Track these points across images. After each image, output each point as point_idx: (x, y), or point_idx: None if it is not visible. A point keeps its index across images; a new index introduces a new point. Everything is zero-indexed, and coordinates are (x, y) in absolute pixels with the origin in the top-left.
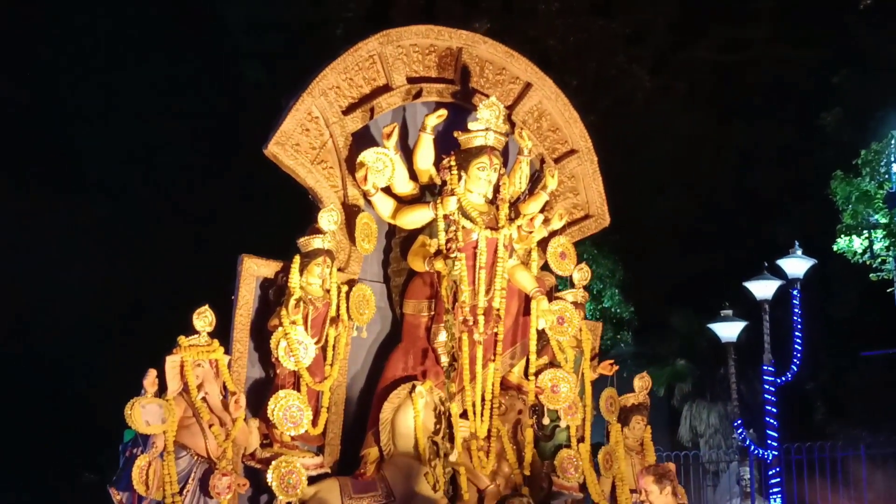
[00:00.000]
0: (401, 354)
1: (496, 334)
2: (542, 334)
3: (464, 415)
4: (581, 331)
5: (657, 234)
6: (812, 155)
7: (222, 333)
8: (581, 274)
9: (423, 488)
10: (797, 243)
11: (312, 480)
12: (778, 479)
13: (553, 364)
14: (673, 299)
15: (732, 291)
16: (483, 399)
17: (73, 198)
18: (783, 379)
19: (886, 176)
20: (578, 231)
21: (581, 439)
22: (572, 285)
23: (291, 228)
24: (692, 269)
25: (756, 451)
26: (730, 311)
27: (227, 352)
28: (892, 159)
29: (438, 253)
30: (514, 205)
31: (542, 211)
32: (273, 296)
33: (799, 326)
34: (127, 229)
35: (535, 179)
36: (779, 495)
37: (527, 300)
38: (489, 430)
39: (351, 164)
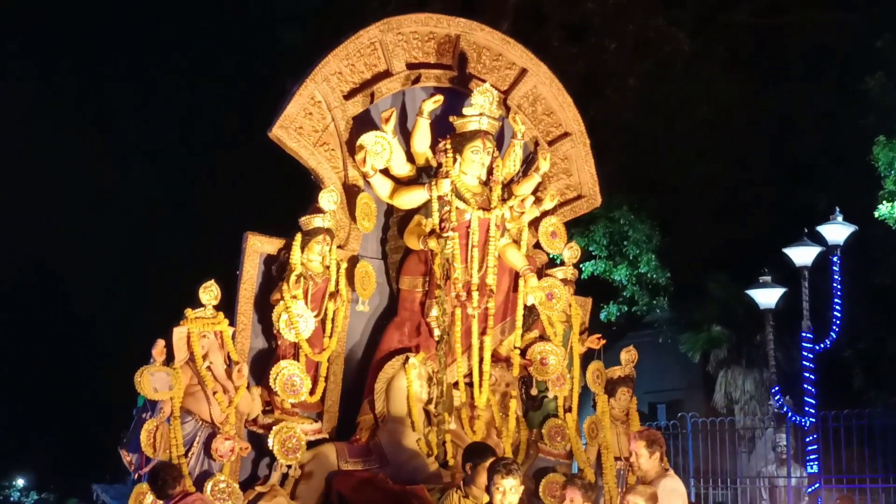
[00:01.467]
0: (396, 327)
1: (488, 309)
2: (533, 309)
3: (455, 385)
4: (570, 306)
5: (695, 200)
6: (853, 120)
7: (227, 306)
8: (571, 252)
9: (416, 454)
10: (837, 209)
11: (311, 445)
12: (815, 447)
13: (543, 338)
14: (710, 265)
15: (771, 258)
16: (481, 370)
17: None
18: (822, 346)
19: None
20: (570, 211)
21: (568, 409)
22: (562, 263)
23: (295, 206)
24: (730, 236)
25: (793, 418)
26: (768, 278)
27: (232, 324)
28: None
29: (432, 232)
30: (508, 186)
31: (535, 192)
32: (275, 271)
33: (838, 293)
34: (161, 192)
35: (529, 161)
36: (815, 462)
37: (517, 277)
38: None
39: (352, 147)
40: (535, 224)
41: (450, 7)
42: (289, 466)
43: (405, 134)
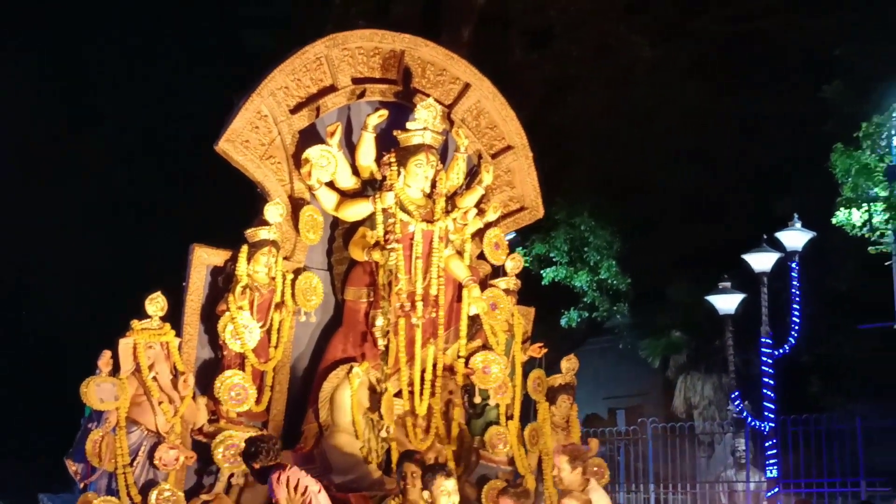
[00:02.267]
0: (341, 337)
1: (435, 318)
2: (476, 319)
3: (398, 394)
4: (513, 316)
5: (656, 206)
6: (814, 127)
7: (174, 317)
8: (514, 263)
9: (359, 461)
10: (796, 216)
11: None
12: (774, 451)
13: (486, 347)
14: (670, 271)
15: (730, 264)
16: (423, 379)
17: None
18: (780, 351)
19: (887, 149)
20: (514, 222)
21: (510, 417)
22: (504, 274)
23: (241, 218)
24: (690, 241)
25: (752, 423)
26: (728, 284)
27: (178, 334)
28: (893, 133)
29: (377, 244)
30: (451, 198)
31: (478, 204)
32: (222, 283)
33: (797, 299)
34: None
35: (473, 174)
36: (775, 467)
37: (460, 288)
38: (429, 408)
39: (298, 160)
40: (478, 235)
41: (412, 14)
42: (233, 475)
43: (350, 147)
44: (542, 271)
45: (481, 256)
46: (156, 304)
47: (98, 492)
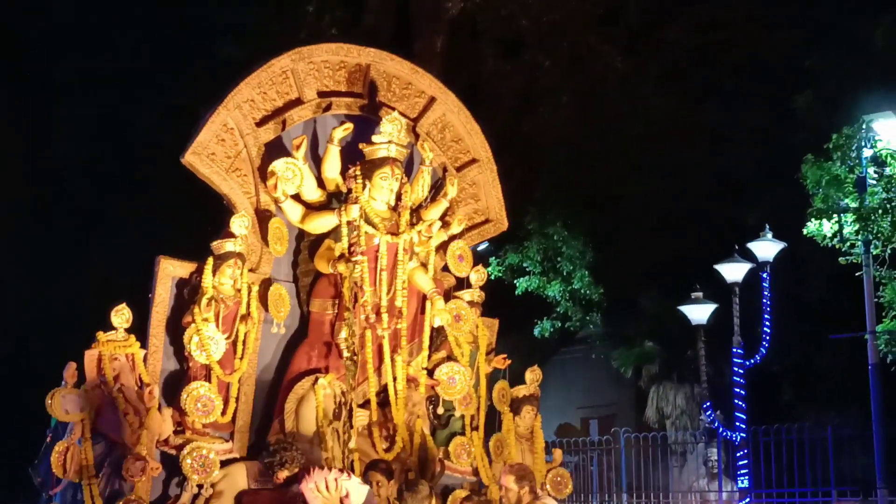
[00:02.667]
0: (306, 349)
1: (399, 330)
2: (441, 330)
3: (364, 405)
4: (477, 327)
5: (628, 216)
6: (784, 138)
7: (139, 329)
8: (478, 275)
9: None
10: (767, 226)
11: (222, 465)
12: (746, 461)
13: (450, 358)
14: (642, 281)
15: (702, 273)
16: (395, 389)
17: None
18: (752, 361)
19: (857, 161)
20: (478, 234)
21: (475, 428)
22: (469, 286)
23: (207, 231)
24: (662, 251)
25: (724, 433)
26: (700, 294)
27: (143, 346)
28: (863, 144)
29: (342, 256)
30: (417, 211)
31: (443, 216)
32: (187, 294)
33: (768, 309)
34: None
35: (438, 187)
36: (746, 476)
37: (424, 300)
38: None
39: (263, 173)
40: (443, 248)
41: (384, 24)
42: (199, 486)
43: (316, 160)
44: (515, 281)
45: (446, 269)
46: (121, 315)
47: (63, 503)
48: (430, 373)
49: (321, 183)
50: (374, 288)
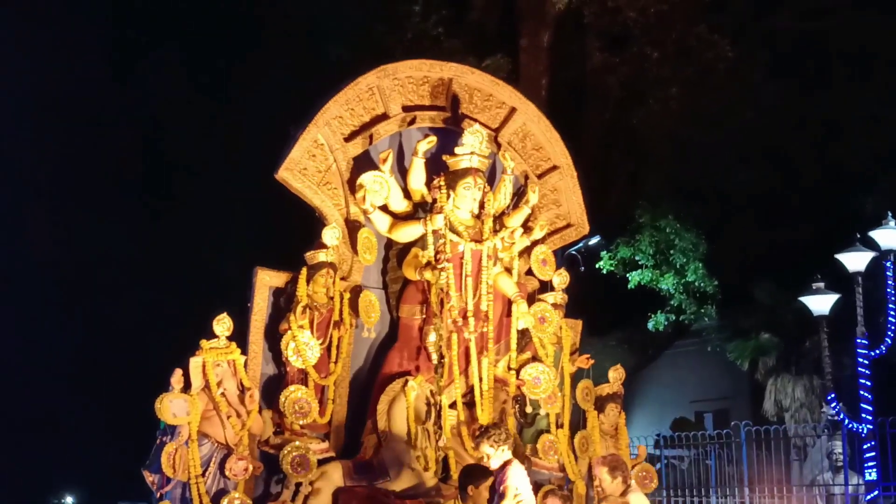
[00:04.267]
0: (396, 352)
1: (486, 332)
2: (526, 332)
3: (453, 406)
4: (561, 329)
5: (741, 207)
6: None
7: (239, 337)
8: (560, 278)
9: (416, 469)
10: (890, 214)
11: (319, 463)
12: (873, 454)
13: (535, 359)
14: (756, 272)
15: (818, 264)
16: (481, 390)
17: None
18: (877, 352)
19: None
20: (560, 239)
21: (560, 425)
22: (552, 289)
23: (301, 242)
24: (775, 242)
25: (849, 425)
26: (822, 284)
27: (244, 353)
28: None
29: (428, 264)
30: (499, 218)
31: (525, 223)
32: (283, 303)
33: (892, 298)
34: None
35: (521, 194)
36: (874, 469)
37: (510, 303)
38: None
39: (352, 186)
40: (526, 253)
41: (489, 19)
42: (298, 484)
43: (402, 172)
44: (627, 275)
45: (530, 273)
46: (222, 324)
47: (173, 501)
48: (517, 373)
49: (407, 194)
50: (460, 293)
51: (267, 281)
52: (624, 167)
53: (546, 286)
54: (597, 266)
